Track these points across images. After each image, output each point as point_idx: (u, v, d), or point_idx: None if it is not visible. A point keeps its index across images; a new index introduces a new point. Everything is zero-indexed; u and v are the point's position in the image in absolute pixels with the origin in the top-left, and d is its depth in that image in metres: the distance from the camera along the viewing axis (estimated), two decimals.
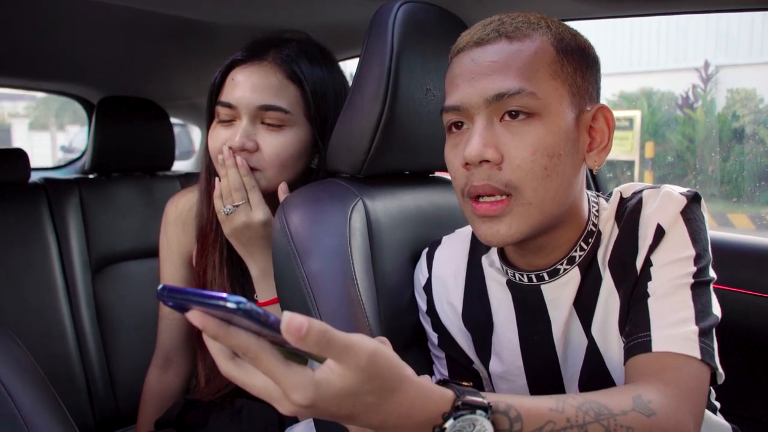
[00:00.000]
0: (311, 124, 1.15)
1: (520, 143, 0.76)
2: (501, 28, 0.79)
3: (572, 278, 0.86)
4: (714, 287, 0.82)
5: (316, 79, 1.16)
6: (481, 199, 0.79)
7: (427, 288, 1.01)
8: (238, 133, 1.11)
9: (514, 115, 0.77)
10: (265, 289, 1.15)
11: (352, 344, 0.54)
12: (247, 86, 1.11)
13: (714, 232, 1.32)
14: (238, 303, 0.48)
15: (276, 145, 1.12)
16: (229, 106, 1.12)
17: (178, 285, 1.33)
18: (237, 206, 1.10)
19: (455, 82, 0.80)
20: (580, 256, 0.86)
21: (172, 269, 1.35)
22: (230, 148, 1.11)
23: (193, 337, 1.35)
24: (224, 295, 0.48)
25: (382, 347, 0.57)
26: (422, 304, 1.02)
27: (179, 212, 1.34)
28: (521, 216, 0.78)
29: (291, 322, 0.50)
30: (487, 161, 0.77)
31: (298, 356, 0.55)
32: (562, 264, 0.86)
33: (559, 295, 0.87)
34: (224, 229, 1.14)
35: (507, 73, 0.76)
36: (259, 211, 1.10)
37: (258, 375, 0.55)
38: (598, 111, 0.81)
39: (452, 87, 0.81)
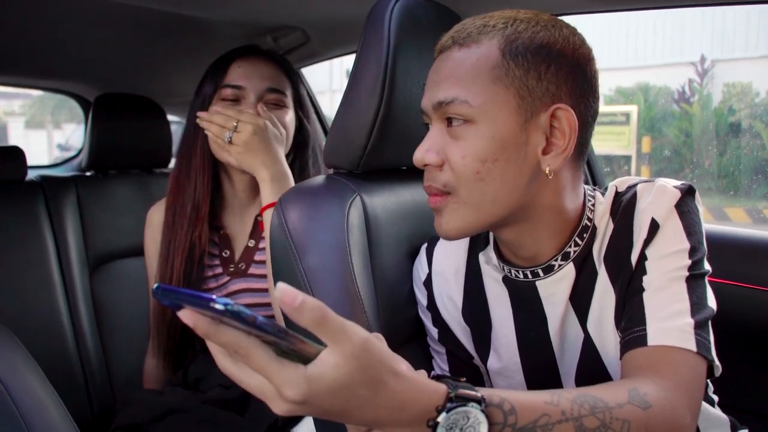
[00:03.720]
0: (296, 107, 1.41)
1: (456, 147, 0.79)
2: (456, 35, 0.81)
3: (567, 274, 0.86)
4: (711, 281, 0.83)
5: (297, 78, 1.45)
6: None
7: (428, 283, 1.01)
8: (251, 106, 1.31)
9: (451, 121, 0.80)
10: (272, 192, 1.25)
11: (347, 326, 0.55)
12: (254, 72, 1.34)
13: (711, 225, 1.33)
14: (225, 305, 0.49)
15: (281, 119, 1.34)
16: (238, 87, 1.32)
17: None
18: (234, 128, 1.24)
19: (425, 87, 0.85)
20: (574, 251, 0.86)
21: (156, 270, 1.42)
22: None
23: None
24: (213, 296, 0.49)
25: (375, 338, 0.57)
26: (422, 299, 1.03)
27: (161, 218, 1.41)
28: (455, 213, 0.81)
29: (285, 290, 0.51)
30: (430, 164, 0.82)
31: (290, 356, 0.55)
32: (556, 260, 0.86)
33: (555, 290, 0.87)
34: (233, 153, 1.26)
35: (448, 81, 0.79)
36: (256, 118, 1.26)
37: (253, 373, 0.55)
38: (557, 111, 0.77)
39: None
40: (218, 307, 0.49)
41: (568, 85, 0.78)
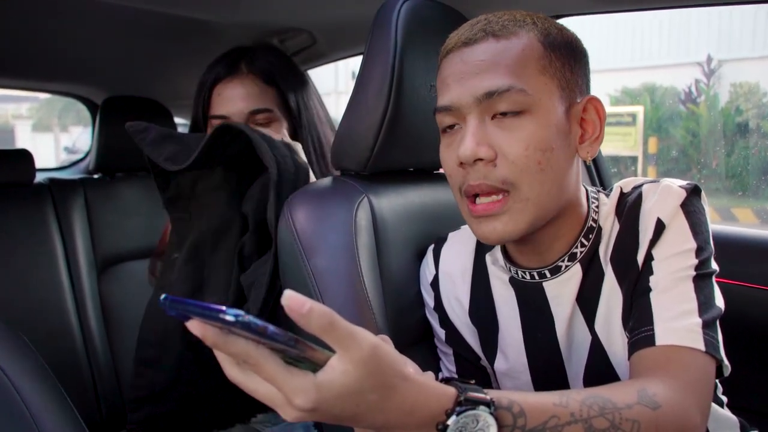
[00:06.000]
0: (287, 117, 1.33)
1: (512, 139, 0.76)
2: (488, 27, 0.79)
3: (574, 275, 0.86)
4: (719, 281, 0.82)
5: (288, 78, 1.34)
6: (478, 200, 0.80)
7: (435, 284, 1.01)
8: None
9: (504, 113, 0.77)
10: None
11: (356, 331, 0.54)
12: (235, 98, 1.28)
13: (718, 226, 1.32)
14: (236, 316, 0.48)
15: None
16: (223, 117, 1.28)
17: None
18: None
19: (446, 82, 0.81)
20: (581, 252, 0.86)
21: None
22: None
23: None
24: (223, 308, 0.48)
25: (383, 343, 0.57)
26: (429, 301, 1.03)
27: None
28: (519, 213, 0.78)
29: (292, 297, 0.51)
30: (482, 159, 0.77)
31: (299, 362, 0.55)
32: (563, 261, 0.86)
33: (562, 291, 0.87)
34: None
35: (496, 71, 0.76)
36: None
37: (262, 381, 0.55)
38: (588, 102, 0.82)
39: (443, 87, 0.81)
40: (228, 318, 0.48)
41: (586, 79, 0.84)
